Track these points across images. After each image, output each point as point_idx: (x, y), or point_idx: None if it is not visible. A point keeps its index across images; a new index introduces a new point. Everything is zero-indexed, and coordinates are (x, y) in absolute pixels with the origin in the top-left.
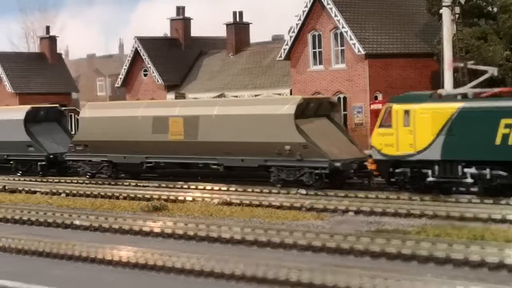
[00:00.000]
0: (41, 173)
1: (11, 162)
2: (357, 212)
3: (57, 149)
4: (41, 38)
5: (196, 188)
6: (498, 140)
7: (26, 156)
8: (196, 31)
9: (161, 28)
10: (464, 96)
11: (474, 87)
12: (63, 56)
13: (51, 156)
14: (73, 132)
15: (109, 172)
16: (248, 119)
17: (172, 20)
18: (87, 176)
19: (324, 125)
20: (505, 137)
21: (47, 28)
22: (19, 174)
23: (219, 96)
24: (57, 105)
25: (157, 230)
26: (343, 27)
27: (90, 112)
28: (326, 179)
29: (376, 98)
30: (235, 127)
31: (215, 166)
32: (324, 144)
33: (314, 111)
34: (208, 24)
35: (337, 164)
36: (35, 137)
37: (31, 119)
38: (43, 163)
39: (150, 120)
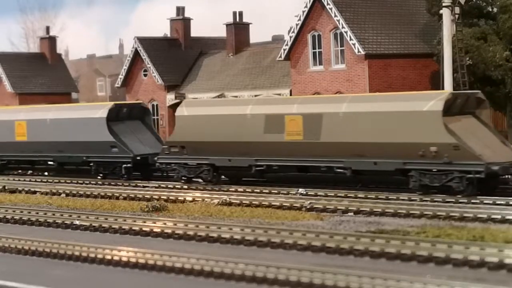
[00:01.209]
0: (125, 176)
1: (91, 164)
2: (357, 212)
3: (143, 150)
4: (41, 38)
5: (196, 189)
6: None
7: (109, 157)
8: (196, 31)
9: (161, 29)
10: None
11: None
12: (63, 56)
13: (138, 158)
14: None
15: (209, 176)
16: (385, 117)
17: (172, 20)
18: (182, 181)
19: (472, 123)
20: None
21: (47, 28)
22: (99, 177)
23: (218, 97)
24: (141, 101)
25: (157, 230)
26: (343, 27)
27: (189, 110)
28: (479, 184)
29: None
30: (368, 126)
31: (340, 170)
32: (477, 145)
33: (460, 108)
34: (208, 24)
35: (495, 167)
36: (119, 137)
37: (113, 117)
38: (128, 165)
39: (262, 119)
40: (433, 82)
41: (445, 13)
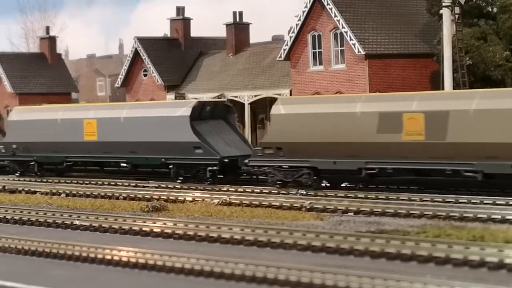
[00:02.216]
0: (210, 180)
1: (170, 166)
2: (357, 212)
3: (230, 152)
4: (41, 38)
5: (196, 189)
6: None
7: (192, 160)
8: (196, 31)
9: (161, 29)
10: None
11: None
12: (63, 56)
13: (226, 160)
14: None
15: (309, 180)
16: None
17: (172, 20)
18: (276, 186)
19: None
20: None
21: (47, 28)
22: (179, 181)
23: (218, 97)
24: (225, 99)
25: (157, 230)
26: (343, 27)
27: (286, 108)
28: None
29: None
30: (503, 124)
31: (470, 174)
32: None
33: None
34: (208, 24)
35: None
36: (204, 137)
37: (196, 116)
38: (214, 168)
39: (374, 117)
40: (433, 82)
41: (445, 13)
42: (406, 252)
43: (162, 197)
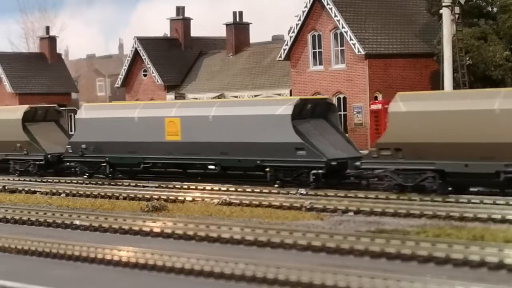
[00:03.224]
0: (313, 184)
1: (267, 169)
2: (357, 212)
3: (336, 154)
4: (41, 38)
5: (196, 189)
6: None
7: (294, 162)
8: (196, 31)
9: (161, 29)
10: None
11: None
12: (63, 56)
13: (333, 163)
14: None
15: (434, 184)
16: None
17: (172, 20)
18: (394, 191)
19: None
20: None
21: (47, 28)
22: (276, 185)
23: (218, 97)
24: (326, 96)
25: (157, 230)
26: (343, 27)
27: (408, 105)
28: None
29: (376, 98)
30: None
31: None
32: None
33: None
34: (208, 24)
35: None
36: (307, 138)
37: (297, 115)
38: (320, 171)
39: None
40: (433, 82)
41: (445, 13)
42: (406, 252)
43: (162, 197)
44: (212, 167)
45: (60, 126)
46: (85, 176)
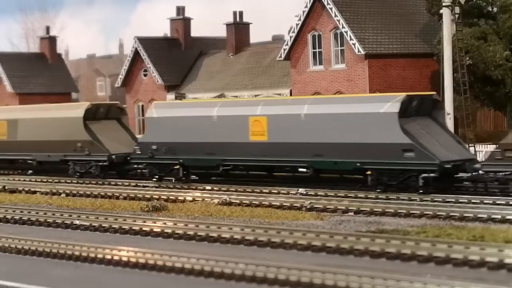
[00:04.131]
0: (422, 190)
1: (368, 172)
2: (357, 212)
3: (448, 156)
4: (41, 38)
5: (196, 189)
6: None
7: (400, 165)
8: (196, 31)
9: (161, 28)
10: None
11: None
12: (63, 56)
13: (448, 166)
14: None
15: None
16: None
17: (172, 20)
18: None
19: None
20: None
21: (47, 28)
22: (378, 190)
23: (218, 97)
24: (433, 92)
25: (157, 230)
26: (343, 27)
27: None
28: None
29: None
30: None
31: None
32: None
33: None
34: (208, 24)
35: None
36: (415, 138)
37: (402, 113)
38: (431, 174)
39: None
40: (433, 82)
41: (445, 13)
42: (406, 252)
43: (162, 197)
44: (303, 169)
45: (123, 125)
46: (154, 179)
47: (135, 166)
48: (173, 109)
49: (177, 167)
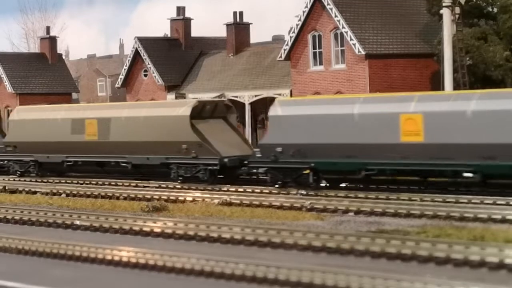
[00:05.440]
0: None
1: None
2: (357, 212)
3: None
4: (41, 39)
5: (196, 189)
6: None
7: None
8: (196, 31)
9: (161, 28)
10: None
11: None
12: (64, 57)
13: None
14: None
15: None
16: None
17: (172, 20)
18: None
19: None
20: None
21: (47, 28)
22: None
23: (219, 97)
24: None
25: (157, 230)
26: (343, 27)
27: None
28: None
29: None
30: None
31: None
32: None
33: None
34: (209, 24)
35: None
36: None
37: None
38: None
39: None
40: (434, 82)
41: (446, 13)
42: (407, 252)
43: (162, 197)
44: (469, 174)
45: (230, 124)
46: (277, 186)
47: (254, 170)
48: (302, 106)
49: (307, 171)
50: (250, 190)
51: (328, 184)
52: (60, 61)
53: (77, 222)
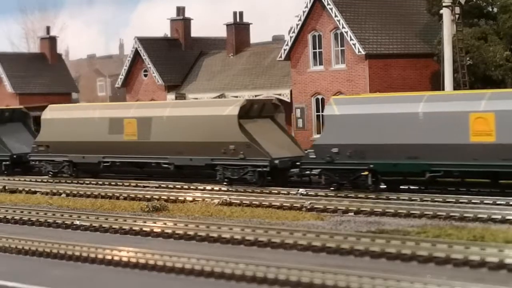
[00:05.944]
0: None
1: None
2: (357, 212)
3: None
4: (41, 39)
5: (196, 189)
6: None
7: None
8: (196, 31)
9: (161, 29)
10: None
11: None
12: (63, 57)
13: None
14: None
15: None
16: None
17: (172, 20)
18: None
19: None
20: None
21: (47, 28)
22: None
23: (219, 97)
24: None
25: (157, 230)
26: (343, 27)
27: None
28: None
29: None
30: None
31: None
32: None
33: None
34: (209, 24)
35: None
36: None
37: None
38: None
39: None
40: (434, 82)
41: (445, 13)
42: (407, 252)
43: (162, 197)
44: None
45: (278, 124)
46: (332, 188)
47: (308, 172)
48: (360, 105)
49: (366, 173)
50: (250, 190)
51: (386, 186)
52: (60, 61)
53: (77, 222)
